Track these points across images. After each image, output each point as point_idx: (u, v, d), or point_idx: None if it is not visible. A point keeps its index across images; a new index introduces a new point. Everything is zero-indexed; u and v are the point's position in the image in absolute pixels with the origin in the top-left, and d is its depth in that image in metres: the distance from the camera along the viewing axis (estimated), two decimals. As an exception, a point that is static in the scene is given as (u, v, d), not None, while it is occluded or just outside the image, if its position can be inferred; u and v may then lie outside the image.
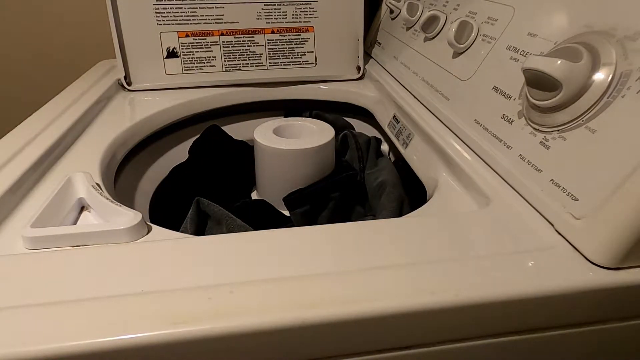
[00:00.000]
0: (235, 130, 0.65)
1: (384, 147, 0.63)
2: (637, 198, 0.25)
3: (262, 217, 0.45)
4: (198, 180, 0.54)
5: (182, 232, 0.38)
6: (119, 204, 0.33)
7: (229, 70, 0.64)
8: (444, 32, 0.52)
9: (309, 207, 0.45)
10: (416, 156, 0.48)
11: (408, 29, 0.62)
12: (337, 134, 0.54)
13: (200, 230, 0.41)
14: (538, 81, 0.32)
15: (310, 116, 0.67)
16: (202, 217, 0.41)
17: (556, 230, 0.29)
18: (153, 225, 0.32)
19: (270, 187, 0.51)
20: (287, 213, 0.47)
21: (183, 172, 0.55)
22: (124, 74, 0.60)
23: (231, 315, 0.23)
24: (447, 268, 0.26)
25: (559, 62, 0.30)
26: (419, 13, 0.58)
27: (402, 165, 0.53)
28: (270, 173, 0.51)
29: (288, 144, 0.48)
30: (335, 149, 0.52)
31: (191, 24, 0.60)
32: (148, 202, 0.52)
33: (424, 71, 0.53)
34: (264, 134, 0.50)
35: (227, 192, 0.53)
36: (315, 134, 0.50)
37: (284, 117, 0.68)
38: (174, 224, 0.40)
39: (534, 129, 0.33)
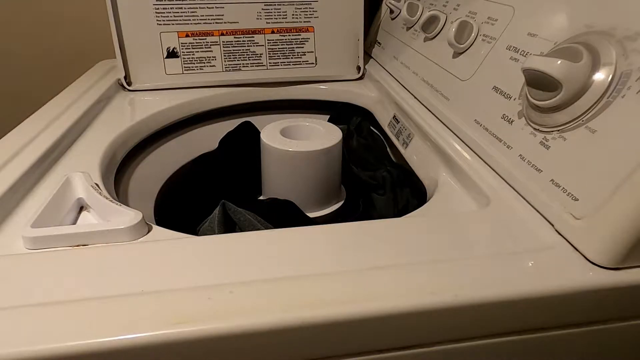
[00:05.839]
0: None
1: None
2: (637, 198, 0.25)
3: (287, 218, 0.45)
4: (220, 170, 0.56)
5: (204, 229, 0.39)
6: (119, 203, 0.33)
7: (229, 70, 0.64)
8: (444, 32, 0.52)
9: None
10: (416, 156, 0.48)
11: (408, 29, 0.62)
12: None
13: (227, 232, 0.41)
14: (538, 81, 0.32)
15: (358, 125, 0.66)
16: (228, 220, 0.41)
17: (556, 231, 0.29)
18: (153, 225, 0.32)
19: (275, 188, 0.51)
20: (311, 215, 0.47)
21: (207, 160, 0.59)
22: (124, 74, 0.60)
23: (231, 315, 0.23)
24: (447, 268, 0.26)
25: (559, 62, 0.30)
26: (419, 13, 0.58)
27: (402, 165, 0.53)
28: (276, 174, 0.50)
29: (294, 146, 0.48)
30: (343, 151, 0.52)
31: (191, 24, 0.60)
32: (149, 202, 0.52)
33: (424, 71, 0.53)
34: (271, 134, 0.50)
35: (244, 188, 0.54)
36: (322, 136, 0.50)
37: (328, 120, 0.67)
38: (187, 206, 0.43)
39: (534, 129, 0.33)
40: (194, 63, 0.62)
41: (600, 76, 0.29)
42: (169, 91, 0.62)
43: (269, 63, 0.65)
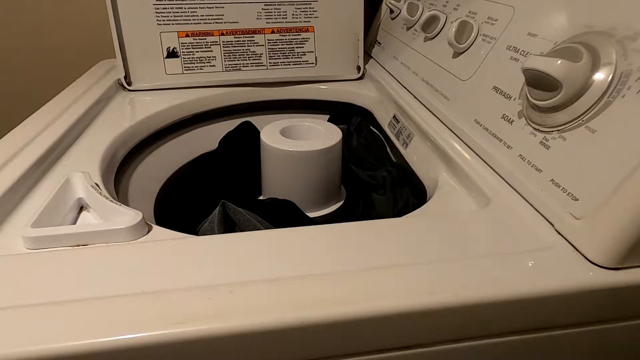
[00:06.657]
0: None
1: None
2: (637, 198, 0.25)
3: (287, 218, 0.45)
4: (220, 170, 0.57)
5: (204, 229, 0.39)
6: (119, 203, 0.33)
7: (229, 70, 0.64)
8: (444, 32, 0.52)
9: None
10: (416, 156, 0.48)
11: (408, 29, 0.62)
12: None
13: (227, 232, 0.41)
14: (538, 81, 0.32)
15: (358, 125, 0.66)
16: (228, 220, 0.41)
17: (556, 230, 0.29)
18: (153, 225, 0.32)
19: (275, 188, 0.51)
20: (311, 215, 0.47)
21: (207, 160, 0.59)
22: (124, 74, 0.60)
23: (231, 315, 0.23)
24: (447, 268, 0.26)
25: (559, 62, 0.30)
26: (419, 13, 0.58)
27: (402, 166, 0.53)
28: (276, 174, 0.50)
29: (294, 146, 0.48)
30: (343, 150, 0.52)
31: (191, 24, 0.60)
32: (149, 202, 0.52)
33: (424, 71, 0.53)
34: (271, 134, 0.50)
35: (244, 188, 0.54)
36: (322, 136, 0.50)
37: (328, 120, 0.67)
38: (187, 205, 0.45)
39: (534, 129, 0.33)
40: (194, 63, 0.62)
41: (600, 76, 0.29)
42: (169, 91, 0.62)
43: (269, 63, 0.65)
